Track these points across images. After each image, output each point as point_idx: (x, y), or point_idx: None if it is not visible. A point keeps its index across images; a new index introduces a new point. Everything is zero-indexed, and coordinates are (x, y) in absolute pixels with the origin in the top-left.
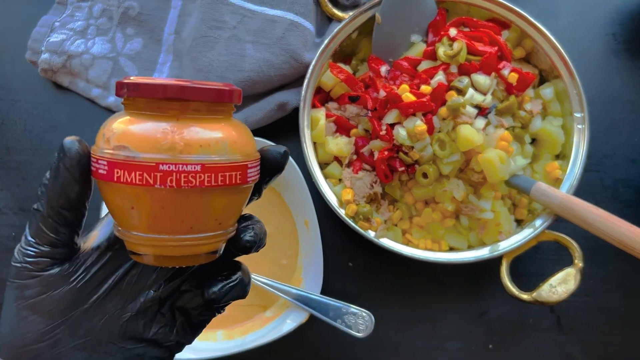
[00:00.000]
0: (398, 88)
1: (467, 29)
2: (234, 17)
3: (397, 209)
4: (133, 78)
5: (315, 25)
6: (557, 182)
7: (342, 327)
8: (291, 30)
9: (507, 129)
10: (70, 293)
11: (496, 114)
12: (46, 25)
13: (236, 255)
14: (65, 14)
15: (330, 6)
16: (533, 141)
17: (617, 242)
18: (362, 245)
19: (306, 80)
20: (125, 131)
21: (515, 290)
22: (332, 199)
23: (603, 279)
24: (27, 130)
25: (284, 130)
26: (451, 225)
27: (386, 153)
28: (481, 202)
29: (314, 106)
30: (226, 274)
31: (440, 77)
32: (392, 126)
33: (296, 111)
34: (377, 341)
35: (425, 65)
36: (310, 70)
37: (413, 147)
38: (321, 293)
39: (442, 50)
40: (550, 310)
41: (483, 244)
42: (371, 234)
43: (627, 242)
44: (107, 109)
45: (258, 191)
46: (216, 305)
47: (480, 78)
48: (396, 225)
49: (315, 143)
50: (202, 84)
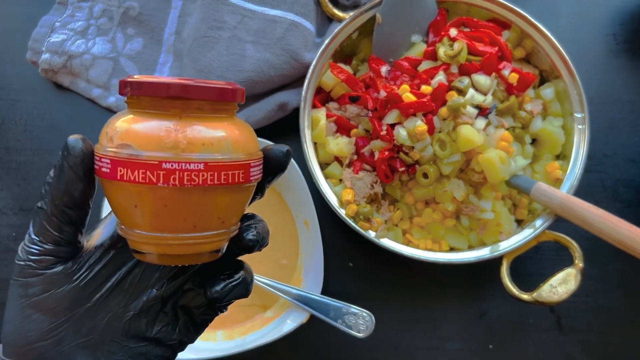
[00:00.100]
0: (398, 88)
1: (468, 29)
2: (234, 17)
3: (398, 209)
4: (136, 77)
5: (315, 25)
6: (558, 183)
7: (343, 328)
8: (291, 30)
9: (508, 129)
10: (73, 291)
11: (496, 114)
12: (47, 25)
13: (239, 254)
14: (65, 14)
15: (330, 6)
16: (533, 141)
17: (618, 243)
18: (363, 245)
19: (306, 80)
20: (128, 130)
21: (515, 290)
22: (333, 199)
23: (603, 279)
24: (27, 130)
25: (285, 130)
26: (451, 225)
27: (387, 153)
28: (481, 203)
29: (315, 106)
30: (229, 273)
31: (440, 78)
32: (393, 126)
33: (297, 111)
34: (378, 341)
35: (425, 65)
36: (310, 70)
37: (413, 148)
38: (321, 293)
39: (443, 50)
40: (550, 310)
41: (483, 244)
42: (371, 234)
43: (627, 243)
44: (108, 109)
45: (261, 190)
46: (219, 304)
47: (480, 78)
48: (396, 225)
49: (315, 143)
50: (206, 83)
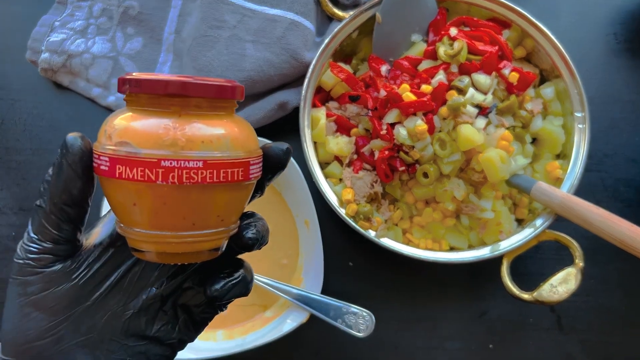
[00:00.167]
0: (398, 87)
1: (468, 29)
2: (234, 17)
3: (398, 209)
4: (135, 74)
5: (315, 24)
6: (558, 182)
7: (343, 327)
8: (291, 29)
9: (508, 129)
10: (72, 290)
11: (497, 114)
12: (46, 24)
13: (238, 252)
14: (65, 14)
15: (330, 5)
16: (534, 141)
17: (618, 242)
18: (363, 245)
19: (306, 79)
20: (127, 127)
21: (515, 290)
22: (333, 199)
23: (604, 279)
24: (27, 130)
25: (285, 129)
26: (452, 224)
27: (387, 152)
28: (482, 202)
29: (315, 106)
30: (228, 272)
31: (440, 77)
32: (393, 126)
33: (296, 111)
34: (378, 341)
35: (425, 64)
36: (310, 69)
37: (414, 147)
38: (321, 293)
39: (443, 49)
40: (550, 310)
41: (483, 244)
42: (371, 234)
43: (628, 242)
44: (108, 109)
45: (260, 188)
46: (218, 302)
47: (480, 77)
48: (396, 224)
49: (315, 142)
50: (204, 80)
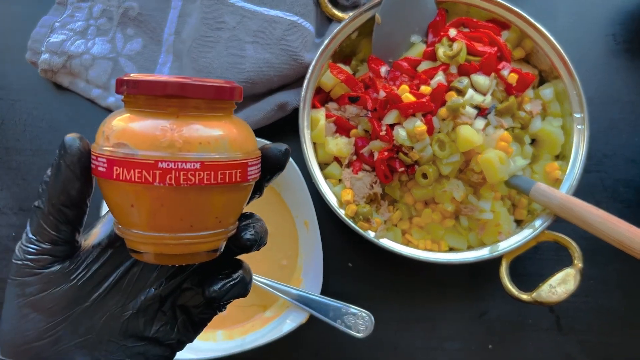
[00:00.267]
0: (398, 88)
1: (467, 30)
2: (234, 18)
3: (397, 210)
4: (133, 75)
5: (315, 25)
6: (557, 183)
7: (342, 328)
8: (291, 30)
9: (507, 130)
10: (71, 291)
11: (496, 115)
12: (46, 25)
13: (237, 253)
14: (65, 15)
15: (330, 7)
16: (533, 142)
17: (617, 243)
18: (362, 245)
19: (306, 80)
20: (124, 129)
21: (515, 290)
22: (332, 200)
23: (603, 280)
24: (27, 130)
25: (284, 130)
26: (451, 225)
27: (386, 153)
28: (481, 203)
29: (314, 106)
30: (227, 273)
31: (440, 78)
32: (392, 127)
33: (296, 111)
34: (377, 341)
35: (425, 65)
36: (310, 70)
37: (413, 148)
38: (321, 293)
39: (442, 50)
40: (549, 310)
41: (483, 245)
42: (371, 235)
43: (627, 243)
44: (107, 109)
45: (259, 189)
46: (217, 303)
47: (479, 78)
48: (396, 225)
49: (315, 143)
50: (202, 81)
